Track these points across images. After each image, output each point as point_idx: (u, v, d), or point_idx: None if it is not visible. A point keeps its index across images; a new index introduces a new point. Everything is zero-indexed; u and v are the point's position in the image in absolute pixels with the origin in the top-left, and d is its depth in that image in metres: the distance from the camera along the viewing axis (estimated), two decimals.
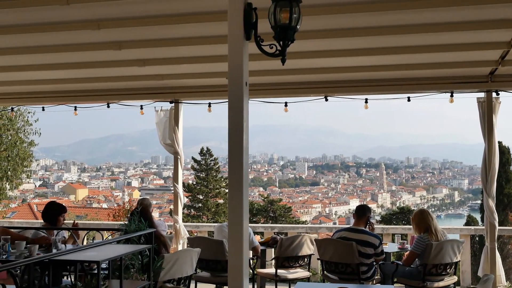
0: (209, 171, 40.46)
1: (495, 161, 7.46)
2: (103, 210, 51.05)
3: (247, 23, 3.57)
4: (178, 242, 8.56)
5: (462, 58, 6.79)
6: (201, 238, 7.00)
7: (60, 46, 6.28)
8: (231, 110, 3.61)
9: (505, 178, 26.92)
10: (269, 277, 7.15)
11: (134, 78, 7.85)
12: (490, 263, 7.45)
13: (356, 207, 6.81)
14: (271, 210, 38.65)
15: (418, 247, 6.37)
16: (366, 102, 7.94)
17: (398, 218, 36.12)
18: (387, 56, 6.61)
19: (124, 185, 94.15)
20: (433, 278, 6.38)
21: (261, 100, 8.23)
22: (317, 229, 10.22)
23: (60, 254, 4.47)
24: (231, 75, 3.60)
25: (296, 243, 7.00)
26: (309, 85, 7.90)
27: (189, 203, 38.52)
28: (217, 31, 5.38)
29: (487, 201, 7.48)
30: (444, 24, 5.53)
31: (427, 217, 6.43)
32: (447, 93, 7.60)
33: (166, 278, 5.45)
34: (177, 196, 8.70)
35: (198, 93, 8.41)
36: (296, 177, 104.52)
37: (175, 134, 8.53)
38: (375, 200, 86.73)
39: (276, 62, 3.77)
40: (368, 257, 6.35)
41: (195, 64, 7.02)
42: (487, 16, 5.38)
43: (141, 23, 5.41)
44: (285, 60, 3.57)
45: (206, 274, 6.90)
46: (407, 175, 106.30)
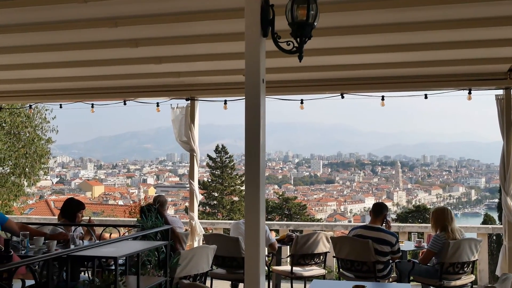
0: (224, 168, 40.57)
1: None
2: (119, 207, 51.49)
3: (264, 20, 3.56)
4: (194, 239, 8.59)
5: (481, 54, 6.70)
6: (217, 235, 7.03)
7: (78, 44, 6.32)
8: (248, 107, 3.61)
9: None
10: (285, 274, 7.15)
11: (150, 75, 7.89)
12: (508, 262, 7.36)
13: (373, 205, 6.76)
14: (286, 208, 38.67)
15: (435, 246, 6.33)
16: (383, 99, 7.88)
17: (414, 217, 35.92)
18: (404, 53, 6.56)
19: (140, 182, 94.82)
20: (450, 277, 6.33)
21: (277, 97, 8.22)
22: (333, 227, 10.19)
23: (78, 250, 4.52)
24: (248, 72, 3.60)
25: (312, 241, 6.99)
26: (325, 82, 7.87)
27: (204, 201, 38.67)
28: (233, 29, 5.38)
29: (505, 200, 7.39)
30: (462, 20, 5.46)
31: (447, 217, 6.37)
32: (465, 90, 7.51)
33: (182, 275, 5.48)
34: (192, 193, 8.73)
35: (214, 91, 8.43)
36: (311, 175, 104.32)
37: (191, 132, 8.55)
38: (391, 198, 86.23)
39: (292, 59, 3.76)
40: (385, 255, 6.32)
41: (211, 62, 7.03)
42: (506, 13, 5.30)
43: (158, 20, 5.43)
44: (302, 57, 3.56)
45: (221, 271, 6.93)
46: (423, 173, 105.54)
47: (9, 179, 20.83)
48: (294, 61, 3.68)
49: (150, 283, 4.82)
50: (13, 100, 10.81)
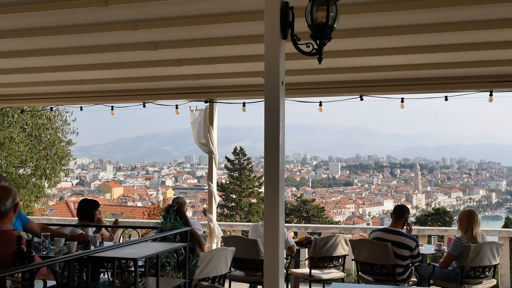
0: (242, 170, 40.62)
1: None
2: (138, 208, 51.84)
3: (283, 22, 3.55)
4: (212, 241, 8.61)
5: (502, 56, 6.61)
6: (236, 237, 7.03)
7: (98, 46, 6.39)
8: (268, 109, 3.60)
9: None
10: (303, 277, 7.13)
11: (170, 78, 7.93)
12: None
13: (394, 207, 6.70)
14: (304, 210, 38.56)
15: (455, 249, 6.25)
16: (402, 101, 7.82)
17: (434, 220, 35.52)
18: (424, 54, 6.49)
19: (158, 184, 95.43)
20: (471, 281, 6.24)
21: (296, 100, 8.21)
22: (351, 229, 10.14)
23: (98, 251, 4.55)
24: (268, 74, 3.59)
25: (331, 243, 6.96)
26: (344, 85, 7.83)
27: (222, 202, 38.75)
28: (253, 31, 5.38)
29: None
30: (483, 21, 5.39)
31: (472, 220, 6.30)
32: (486, 92, 7.42)
33: (201, 277, 5.49)
34: (211, 195, 8.75)
35: (233, 93, 8.44)
36: (329, 177, 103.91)
37: (209, 134, 8.58)
38: (410, 201, 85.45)
39: (311, 61, 3.74)
40: (404, 259, 6.26)
41: (230, 64, 7.04)
42: None
43: (178, 23, 5.46)
44: (321, 59, 3.54)
45: (240, 273, 6.93)
46: (443, 176, 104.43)
47: (30, 181, 21.15)
48: (314, 63, 3.67)
49: (169, 284, 4.83)
50: (35, 102, 10.99)
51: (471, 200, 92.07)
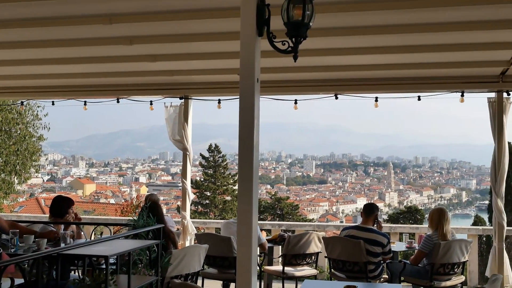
0: (217, 168, 40.55)
1: (504, 161, 7.42)
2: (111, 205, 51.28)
3: (259, 20, 3.56)
4: (185, 238, 8.57)
5: (474, 57, 6.74)
6: (209, 234, 7.01)
7: (71, 40, 6.28)
8: (242, 106, 3.60)
9: None
10: (276, 274, 7.15)
11: (144, 73, 7.86)
12: (497, 263, 7.40)
13: (364, 206, 6.78)
14: (278, 208, 38.72)
15: (426, 246, 6.35)
16: (376, 100, 7.91)
17: (406, 217, 36.05)
18: (397, 54, 6.58)
19: (132, 180, 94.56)
20: (440, 278, 6.36)
21: (271, 97, 8.22)
22: (325, 227, 10.21)
23: (68, 248, 4.49)
24: (243, 71, 3.59)
25: (304, 241, 6.99)
26: (319, 83, 7.88)
27: (197, 200, 38.61)
28: (229, 27, 5.37)
29: (496, 201, 7.44)
30: (456, 23, 5.48)
31: (442, 217, 6.41)
32: (457, 92, 7.55)
33: (173, 274, 5.46)
34: (185, 192, 8.71)
35: (208, 90, 8.41)
36: (304, 175, 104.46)
37: (184, 130, 8.54)
38: (383, 199, 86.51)
39: (287, 59, 3.75)
40: (376, 255, 6.34)
41: (206, 60, 7.01)
42: (499, 16, 5.33)
43: (153, 18, 5.41)
44: (297, 57, 3.55)
45: (213, 271, 6.91)
46: (415, 175, 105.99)
47: None
48: (289, 61, 3.67)
49: (141, 282, 4.80)
50: (5, 96, 10.74)
51: (442, 199, 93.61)
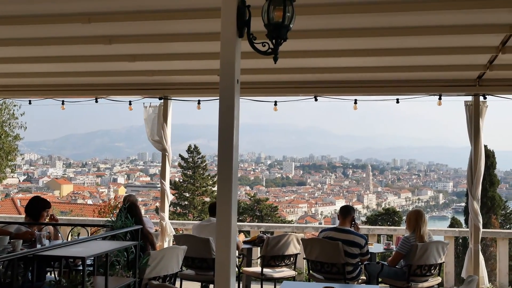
0: (196, 169, 40.35)
1: (480, 164, 7.53)
2: (88, 206, 50.65)
3: (240, 21, 3.56)
4: (164, 239, 8.52)
5: (452, 61, 6.84)
6: (188, 235, 6.97)
7: (49, 39, 6.21)
8: (222, 107, 3.60)
9: (489, 181, 27.19)
10: (255, 275, 7.15)
11: (123, 73, 7.80)
12: (473, 264, 7.52)
13: (340, 208, 6.85)
14: (258, 209, 38.69)
15: (403, 248, 6.41)
16: (356, 103, 7.96)
17: (384, 219, 36.33)
18: (377, 57, 6.64)
19: (110, 181, 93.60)
20: (417, 279, 6.42)
21: (251, 99, 8.23)
22: (303, 228, 10.24)
23: (44, 249, 4.43)
24: (223, 72, 3.59)
25: (283, 242, 7.00)
26: (299, 85, 7.91)
27: (175, 201, 38.37)
28: (209, 28, 5.36)
29: (472, 204, 7.55)
30: (434, 27, 5.57)
31: (419, 219, 6.47)
32: (435, 95, 7.65)
33: (151, 276, 5.42)
34: (164, 193, 8.66)
35: (188, 90, 8.39)
36: (283, 176, 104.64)
37: (163, 131, 8.49)
38: (361, 201, 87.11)
39: (267, 61, 3.77)
40: (354, 257, 6.38)
41: (186, 61, 6.99)
42: (477, 21, 5.43)
43: (133, 18, 5.38)
44: (277, 59, 3.56)
45: (191, 272, 6.88)
46: (393, 177, 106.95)
47: None
48: (269, 63, 3.68)
49: (119, 283, 4.75)
50: None
51: (419, 201, 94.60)
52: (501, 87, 7.42)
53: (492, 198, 27.87)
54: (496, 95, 7.52)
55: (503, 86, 7.40)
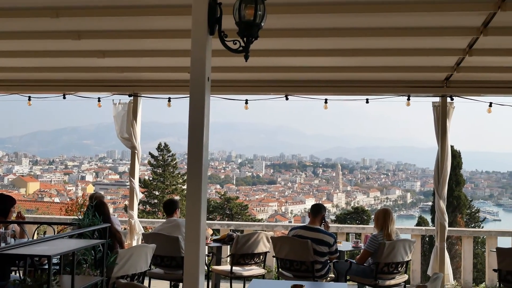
0: (166, 167, 40.04)
1: (447, 164, 7.68)
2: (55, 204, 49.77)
3: (211, 18, 3.54)
4: (132, 238, 8.44)
5: (420, 63, 6.96)
6: (156, 234, 6.90)
7: (16, 33, 6.08)
8: (192, 105, 3.58)
9: (455, 181, 27.79)
10: (224, 274, 7.14)
11: (92, 69, 7.69)
12: (439, 262, 7.67)
13: (311, 206, 6.87)
14: (228, 208, 38.66)
15: (371, 246, 6.50)
16: (326, 102, 8.03)
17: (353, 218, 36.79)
18: (347, 58, 6.71)
19: (78, 179, 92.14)
20: (384, 277, 6.52)
21: (221, 97, 8.20)
22: (273, 227, 10.28)
23: (9, 248, 4.32)
24: (194, 69, 3.57)
25: (252, 241, 7.01)
26: (270, 84, 7.93)
27: (145, 199, 38.02)
28: (180, 25, 5.33)
29: (438, 203, 7.70)
30: (403, 29, 5.66)
31: (387, 218, 6.57)
32: (404, 96, 7.77)
33: (119, 274, 5.35)
34: (133, 192, 8.57)
35: (158, 87, 8.32)
36: (254, 175, 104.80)
37: (133, 128, 8.40)
38: (331, 200, 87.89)
39: (238, 59, 3.76)
40: (323, 255, 6.43)
41: (156, 58, 6.93)
42: (445, 23, 5.54)
43: (102, 13, 5.31)
44: (248, 57, 3.57)
45: (160, 271, 6.83)
46: (362, 176, 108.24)
47: None
48: (240, 61, 3.69)
49: (86, 282, 4.67)
50: None
51: (388, 200, 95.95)
52: (468, 88, 7.59)
53: (458, 197, 28.48)
54: (463, 96, 7.69)
55: (470, 88, 7.57)
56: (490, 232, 9.28)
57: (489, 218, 68.87)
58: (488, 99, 7.62)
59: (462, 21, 5.45)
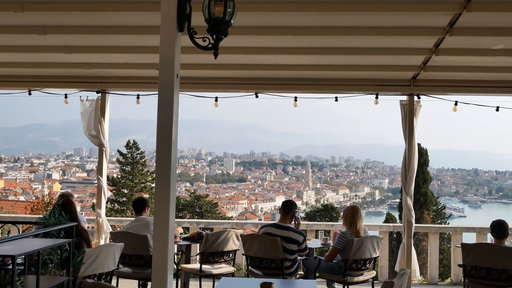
0: (135, 164, 39.61)
1: (414, 162, 7.81)
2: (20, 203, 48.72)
3: (180, 15, 3.51)
4: (100, 236, 8.32)
5: (388, 62, 7.05)
6: (125, 232, 6.81)
7: None
8: (161, 102, 3.54)
9: (422, 178, 28.30)
10: (194, 272, 7.11)
11: (59, 65, 7.53)
12: (406, 258, 7.79)
13: (282, 203, 6.88)
14: (197, 206, 38.50)
15: (340, 243, 6.56)
16: (296, 100, 8.05)
17: (322, 215, 37.11)
18: (316, 56, 6.75)
19: (44, 177, 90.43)
20: (353, 273, 6.59)
21: (191, 94, 8.15)
22: (243, 224, 10.29)
23: None
24: (162, 66, 3.53)
25: (222, 239, 7.00)
26: (240, 81, 7.91)
27: (113, 197, 37.56)
28: (149, 21, 5.27)
29: (406, 200, 7.82)
30: (372, 28, 5.72)
31: (356, 215, 6.65)
32: (372, 94, 7.85)
33: (86, 274, 5.28)
34: (100, 190, 8.45)
35: (127, 84, 8.21)
36: (224, 173, 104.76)
37: (100, 125, 8.28)
38: (300, 197, 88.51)
39: (207, 56, 3.74)
40: (292, 253, 6.45)
41: (125, 54, 6.84)
42: (412, 23, 5.63)
43: (69, 8, 5.20)
44: (217, 54, 3.54)
45: (128, 270, 6.76)
46: (332, 174, 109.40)
47: None
48: (210, 58, 3.66)
49: (51, 282, 4.59)
50: None
51: (356, 197, 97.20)
52: (434, 87, 7.72)
53: (425, 194, 29.03)
54: (430, 95, 7.82)
55: (436, 86, 7.70)
56: (456, 228, 9.49)
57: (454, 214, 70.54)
58: (453, 98, 7.76)
59: (429, 21, 5.54)
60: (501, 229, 6.42)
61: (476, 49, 6.31)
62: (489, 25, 5.58)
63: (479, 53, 6.38)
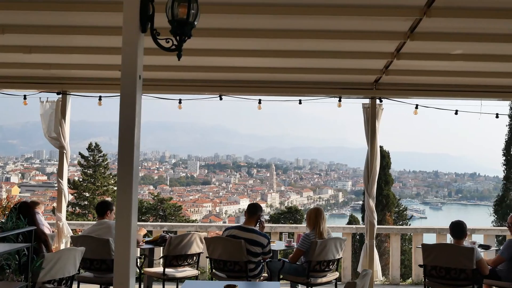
0: (97, 167, 38.93)
1: (376, 164, 7.94)
2: None
3: (143, 15, 3.47)
4: (60, 241, 8.14)
5: (351, 65, 7.15)
6: (86, 236, 6.68)
7: None
8: (123, 104, 3.49)
9: (384, 181, 28.76)
10: (157, 276, 7.03)
11: (18, 65, 7.34)
12: (368, 259, 7.91)
13: (247, 206, 6.88)
14: (161, 209, 38.15)
15: (303, 245, 6.60)
16: (260, 102, 8.08)
17: (286, 218, 37.34)
18: (280, 59, 6.79)
19: (2, 180, 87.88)
20: (316, 274, 6.64)
21: (154, 96, 8.06)
22: (207, 227, 10.24)
23: None
24: (125, 67, 3.48)
25: (185, 242, 6.94)
26: (204, 83, 7.89)
27: (74, 201, 36.82)
28: (111, 22, 5.19)
29: (368, 201, 7.94)
30: (334, 31, 5.79)
31: (319, 217, 6.69)
32: (335, 97, 7.94)
33: (46, 279, 5.15)
34: (61, 193, 8.27)
35: (88, 85, 8.06)
36: (188, 175, 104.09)
37: (61, 127, 8.11)
38: (265, 200, 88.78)
39: (171, 58, 3.70)
40: (256, 255, 6.46)
41: (86, 55, 6.71)
42: (374, 28, 5.72)
43: (28, 7, 5.08)
44: (181, 56, 3.52)
45: (90, 274, 6.62)
46: (296, 176, 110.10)
47: None
48: (173, 60, 3.63)
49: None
50: None
51: (320, 199, 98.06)
52: (396, 91, 7.86)
53: (387, 196, 29.50)
54: (391, 98, 7.96)
55: (398, 90, 7.85)
56: (416, 229, 9.68)
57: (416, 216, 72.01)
58: (414, 101, 7.93)
59: (391, 26, 5.65)
60: (459, 230, 6.60)
61: (436, 53, 6.47)
62: (448, 30, 5.72)
63: (439, 58, 6.54)
